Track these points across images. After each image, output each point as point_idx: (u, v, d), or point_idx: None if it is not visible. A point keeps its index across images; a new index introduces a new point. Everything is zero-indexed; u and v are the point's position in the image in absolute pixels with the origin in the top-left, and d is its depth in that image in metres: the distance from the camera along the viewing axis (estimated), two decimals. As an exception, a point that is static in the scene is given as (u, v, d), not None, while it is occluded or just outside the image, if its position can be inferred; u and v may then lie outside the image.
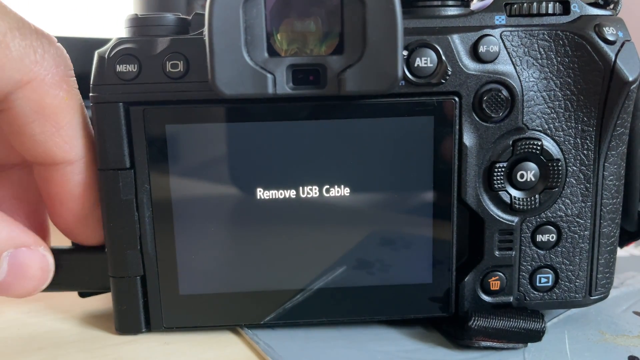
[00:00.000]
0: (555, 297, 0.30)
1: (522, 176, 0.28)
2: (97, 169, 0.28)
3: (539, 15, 0.28)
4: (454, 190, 0.28)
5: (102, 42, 0.27)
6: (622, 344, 0.29)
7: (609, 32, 0.27)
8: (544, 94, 0.28)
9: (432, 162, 0.28)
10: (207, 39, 0.25)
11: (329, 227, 0.29)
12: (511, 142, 0.28)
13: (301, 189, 0.28)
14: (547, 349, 0.28)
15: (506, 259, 0.29)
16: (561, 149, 0.28)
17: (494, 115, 0.27)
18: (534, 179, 0.28)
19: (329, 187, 0.28)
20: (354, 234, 0.29)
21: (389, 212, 0.29)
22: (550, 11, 0.28)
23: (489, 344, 0.28)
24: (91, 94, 0.27)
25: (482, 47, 0.27)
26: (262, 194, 0.28)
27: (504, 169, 0.28)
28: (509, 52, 0.27)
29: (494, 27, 0.27)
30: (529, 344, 0.29)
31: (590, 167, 0.28)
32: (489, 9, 0.28)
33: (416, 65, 0.27)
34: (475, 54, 0.27)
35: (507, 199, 0.28)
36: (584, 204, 0.29)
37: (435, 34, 0.27)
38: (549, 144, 0.28)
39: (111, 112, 0.27)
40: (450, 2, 0.28)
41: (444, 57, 0.27)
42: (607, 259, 0.30)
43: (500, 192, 0.28)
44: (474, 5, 0.29)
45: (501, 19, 0.28)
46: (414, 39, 0.26)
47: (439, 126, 0.27)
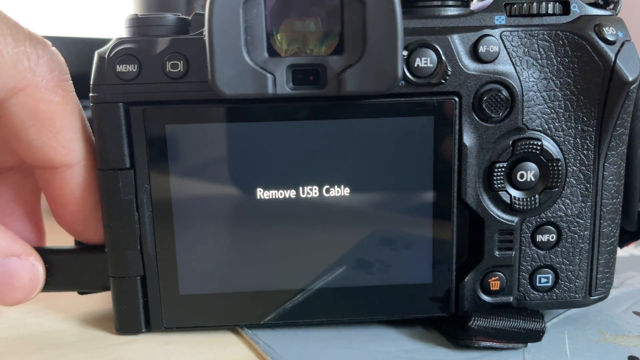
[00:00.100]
0: (555, 297, 0.30)
1: (522, 176, 0.28)
2: (97, 169, 0.28)
3: (539, 15, 0.28)
4: (454, 190, 0.28)
5: (102, 42, 0.27)
6: (622, 344, 0.29)
7: (609, 32, 0.27)
8: (544, 94, 0.28)
9: (432, 162, 0.28)
10: (207, 39, 0.25)
11: (329, 227, 0.29)
12: (511, 142, 0.28)
13: (301, 189, 0.28)
14: (547, 349, 0.28)
15: (506, 259, 0.29)
16: (561, 149, 0.28)
17: (494, 115, 0.27)
18: (534, 179, 0.28)
19: (329, 187, 0.28)
20: (354, 234, 0.29)
21: (389, 212, 0.29)
22: (550, 11, 0.28)
23: (489, 344, 0.28)
24: (91, 94, 0.27)
25: (482, 47, 0.27)
26: (262, 194, 0.28)
27: (504, 169, 0.28)
28: (508, 52, 0.27)
29: (494, 27, 0.27)
30: (529, 344, 0.29)
31: (590, 167, 0.28)
32: (489, 9, 0.28)
33: (416, 65, 0.27)
34: (475, 54, 0.27)
35: (507, 199, 0.28)
36: (584, 204, 0.29)
37: (435, 34, 0.27)
38: (549, 144, 0.28)
39: (111, 112, 0.27)
40: (450, 2, 0.28)
41: (444, 57, 0.27)
42: (607, 259, 0.30)
43: (500, 192, 0.28)
44: (474, 5, 0.29)
45: (501, 19, 0.28)
46: (414, 39, 0.26)
47: (439, 126, 0.27)
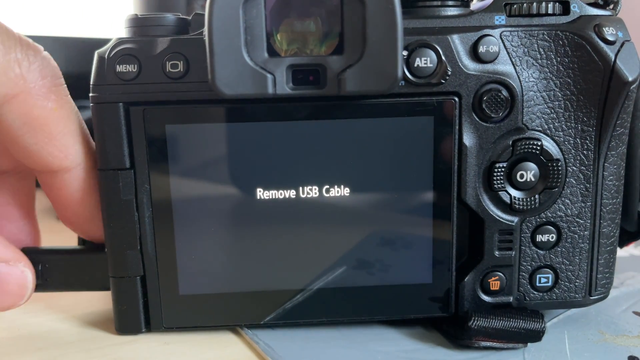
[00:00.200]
0: (555, 297, 0.30)
1: (522, 176, 0.28)
2: (98, 170, 0.28)
3: (539, 15, 0.28)
4: (453, 190, 0.28)
5: (102, 42, 0.27)
6: (622, 344, 0.29)
7: (609, 32, 0.27)
8: (544, 94, 0.28)
9: (432, 162, 0.28)
10: (207, 39, 0.25)
11: (328, 227, 0.29)
12: (511, 142, 0.28)
13: (301, 189, 0.28)
14: (547, 349, 0.28)
15: (506, 259, 0.29)
16: (561, 149, 0.28)
17: (493, 115, 0.27)
18: (533, 179, 0.28)
19: (328, 187, 0.28)
20: (354, 234, 0.29)
21: (389, 212, 0.29)
22: (550, 11, 0.28)
23: (489, 344, 0.28)
24: (91, 94, 0.27)
25: (482, 47, 0.27)
26: (262, 194, 0.28)
27: (503, 169, 0.28)
28: (508, 52, 0.27)
29: (494, 27, 0.27)
30: (529, 344, 0.29)
31: (590, 167, 0.28)
32: (489, 9, 0.28)
33: (416, 65, 0.27)
34: (475, 54, 0.27)
35: (507, 199, 0.28)
36: (583, 204, 0.29)
37: (435, 34, 0.27)
38: (549, 144, 0.28)
39: (111, 112, 0.27)
40: (450, 2, 0.28)
41: (443, 57, 0.27)
42: (607, 259, 0.30)
43: (500, 192, 0.28)
44: (474, 5, 0.29)
45: (501, 19, 0.28)
46: (414, 39, 0.26)
47: (439, 126, 0.27)
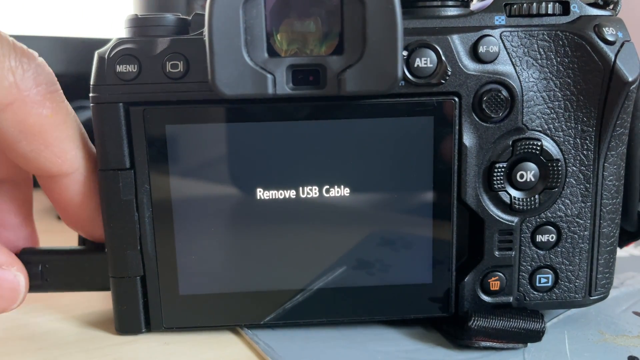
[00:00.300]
0: (555, 297, 0.30)
1: (521, 176, 0.28)
2: (98, 170, 0.28)
3: (539, 15, 0.28)
4: (453, 190, 0.28)
5: (102, 42, 0.27)
6: (622, 344, 0.29)
7: (609, 33, 0.27)
8: (544, 94, 0.28)
9: (432, 162, 0.28)
10: (207, 39, 0.25)
11: (328, 227, 0.29)
12: (511, 143, 0.28)
13: (301, 189, 0.28)
14: (546, 349, 0.28)
15: (506, 259, 0.29)
16: (561, 149, 0.28)
17: (493, 115, 0.27)
18: (533, 179, 0.28)
19: (328, 187, 0.28)
20: (354, 234, 0.29)
21: (389, 212, 0.29)
22: (550, 11, 0.28)
23: (489, 344, 0.28)
24: (91, 94, 0.27)
25: (481, 47, 0.27)
26: (262, 194, 0.28)
27: (503, 169, 0.28)
28: (508, 53, 0.27)
29: (494, 27, 0.27)
30: (529, 344, 0.29)
31: (590, 168, 0.28)
32: (489, 9, 0.28)
33: (416, 65, 0.27)
34: (475, 54, 0.27)
35: (507, 199, 0.28)
36: (583, 204, 0.29)
37: (435, 34, 0.27)
38: (549, 144, 0.28)
39: (111, 113, 0.27)
40: (450, 3, 0.28)
41: (443, 58, 0.27)
42: (607, 259, 0.30)
43: (500, 192, 0.28)
44: (474, 5, 0.29)
45: (501, 19, 0.28)
46: (414, 39, 0.26)
47: (439, 126, 0.27)
